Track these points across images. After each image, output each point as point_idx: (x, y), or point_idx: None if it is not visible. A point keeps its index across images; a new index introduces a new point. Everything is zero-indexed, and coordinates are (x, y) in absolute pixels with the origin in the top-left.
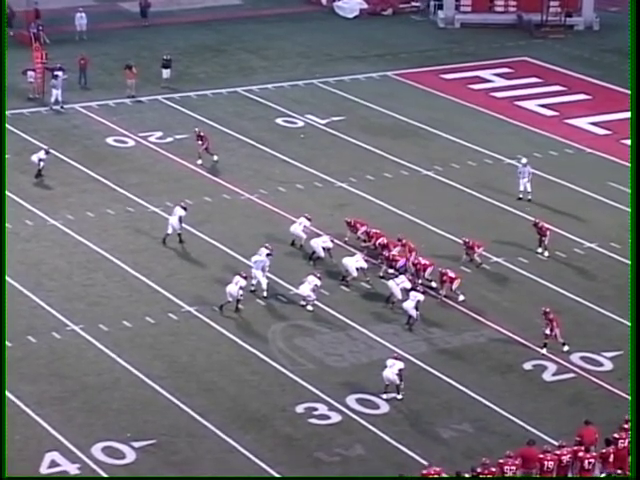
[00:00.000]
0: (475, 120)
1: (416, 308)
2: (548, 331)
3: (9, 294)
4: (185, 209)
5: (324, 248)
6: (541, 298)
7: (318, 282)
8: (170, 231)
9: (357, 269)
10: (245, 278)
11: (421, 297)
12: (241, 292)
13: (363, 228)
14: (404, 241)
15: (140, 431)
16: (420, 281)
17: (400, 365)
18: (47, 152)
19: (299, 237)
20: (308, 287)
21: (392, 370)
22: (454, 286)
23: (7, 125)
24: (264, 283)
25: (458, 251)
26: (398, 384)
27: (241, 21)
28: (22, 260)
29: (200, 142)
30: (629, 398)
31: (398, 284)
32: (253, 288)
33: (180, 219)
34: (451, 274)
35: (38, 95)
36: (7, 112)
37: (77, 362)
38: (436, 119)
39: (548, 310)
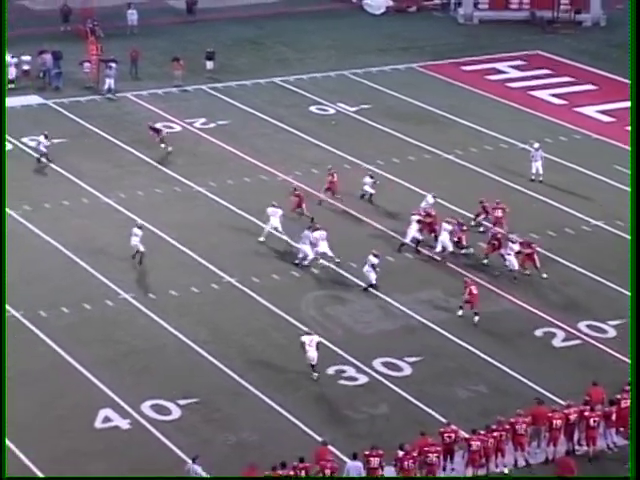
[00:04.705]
0: (492, 108)
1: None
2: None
3: (68, 265)
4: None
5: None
6: (551, 271)
7: (375, 260)
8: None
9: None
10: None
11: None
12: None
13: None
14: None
15: (185, 390)
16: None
17: (317, 339)
18: (46, 137)
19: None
20: (366, 267)
21: (313, 349)
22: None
23: (65, 111)
24: (310, 254)
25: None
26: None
27: (278, 17)
28: (79, 234)
29: (155, 134)
30: (629, 361)
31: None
32: (297, 261)
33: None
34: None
35: (93, 84)
36: (65, 100)
37: (128, 328)
38: (456, 107)
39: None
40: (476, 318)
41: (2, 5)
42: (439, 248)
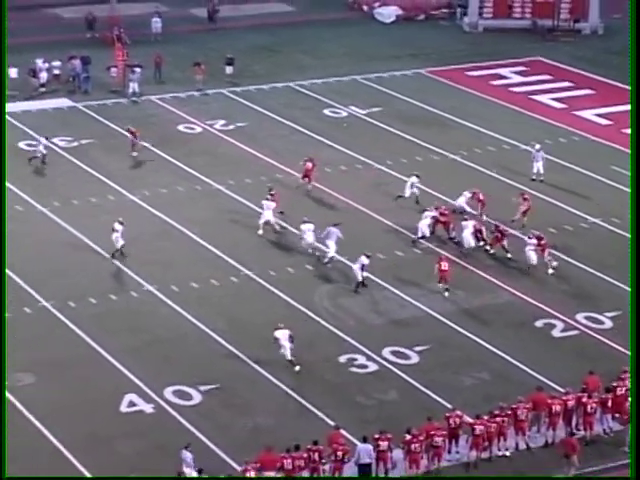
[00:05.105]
0: (495, 111)
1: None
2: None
3: (94, 258)
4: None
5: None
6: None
7: (366, 261)
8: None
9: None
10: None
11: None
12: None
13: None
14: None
15: (206, 377)
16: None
17: (287, 332)
18: (47, 138)
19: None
20: (357, 265)
21: (286, 342)
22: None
23: (93, 113)
24: (332, 252)
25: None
26: (291, 346)
27: (294, 25)
28: (105, 230)
29: (132, 137)
30: (629, 353)
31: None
32: (320, 254)
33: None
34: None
35: (119, 88)
36: (93, 102)
37: (152, 318)
38: (461, 110)
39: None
40: (446, 293)
41: (2, 6)
42: (467, 245)
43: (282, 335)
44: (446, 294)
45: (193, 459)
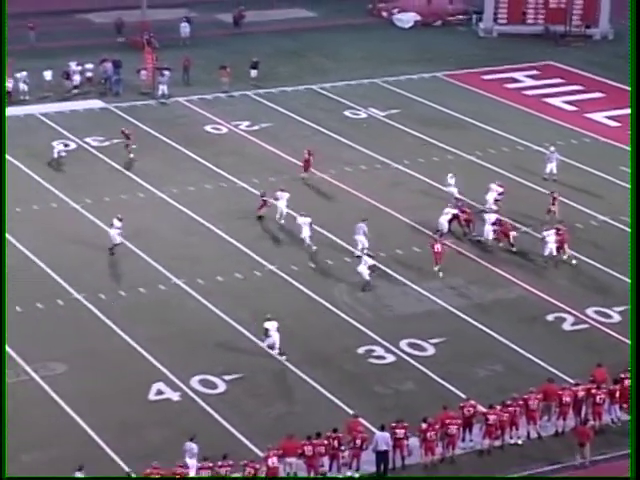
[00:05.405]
0: (509, 114)
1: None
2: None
3: (123, 254)
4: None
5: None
6: (563, 261)
7: (371, 261)
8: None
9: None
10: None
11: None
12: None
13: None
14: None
15: (230, 367)
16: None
17: (275, 324)
18: (65, 145)
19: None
20: (364, 267)
21: (274, 333)
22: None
23: (123, 114)
24: (365, 244)
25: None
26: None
27: (316, 30)
28: (135, 225)
29: (125, 139)
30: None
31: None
32: (358, 254)
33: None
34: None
35: (149, 90)
36: (124, 104)
37: (179, 309)
38: (476, 112)
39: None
40: (440, 274)
41: (2, 7)
42: (486, 235)
43: (272, 326)
44: (440, 275)
45: (198, 450)
